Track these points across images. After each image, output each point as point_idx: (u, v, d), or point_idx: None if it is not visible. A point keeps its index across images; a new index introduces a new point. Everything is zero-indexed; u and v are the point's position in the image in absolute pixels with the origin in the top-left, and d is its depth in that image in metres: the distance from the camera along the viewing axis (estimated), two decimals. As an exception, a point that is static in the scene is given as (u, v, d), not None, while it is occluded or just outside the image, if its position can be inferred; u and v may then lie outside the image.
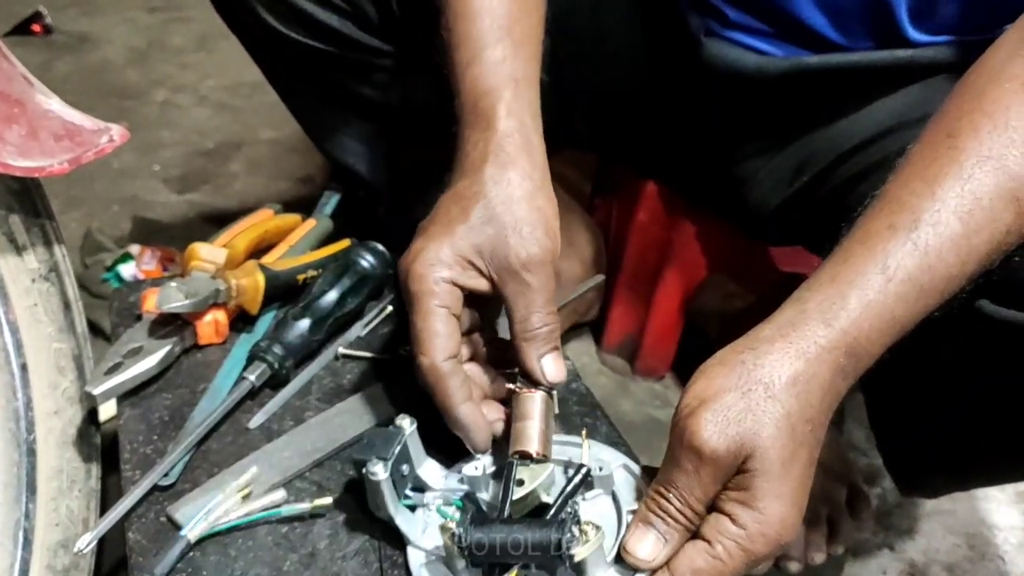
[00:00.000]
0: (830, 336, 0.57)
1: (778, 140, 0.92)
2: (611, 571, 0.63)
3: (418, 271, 0.67)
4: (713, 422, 0.57)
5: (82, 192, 1.70)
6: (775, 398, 0.56)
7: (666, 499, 0.59)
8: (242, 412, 0.78)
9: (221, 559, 0.66)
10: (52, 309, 0.82)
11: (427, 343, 0.66)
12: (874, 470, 1.22)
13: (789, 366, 0.57)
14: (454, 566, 0.63)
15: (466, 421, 0.67)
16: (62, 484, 0.81)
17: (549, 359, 0.69)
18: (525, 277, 0.67)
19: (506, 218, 0.67)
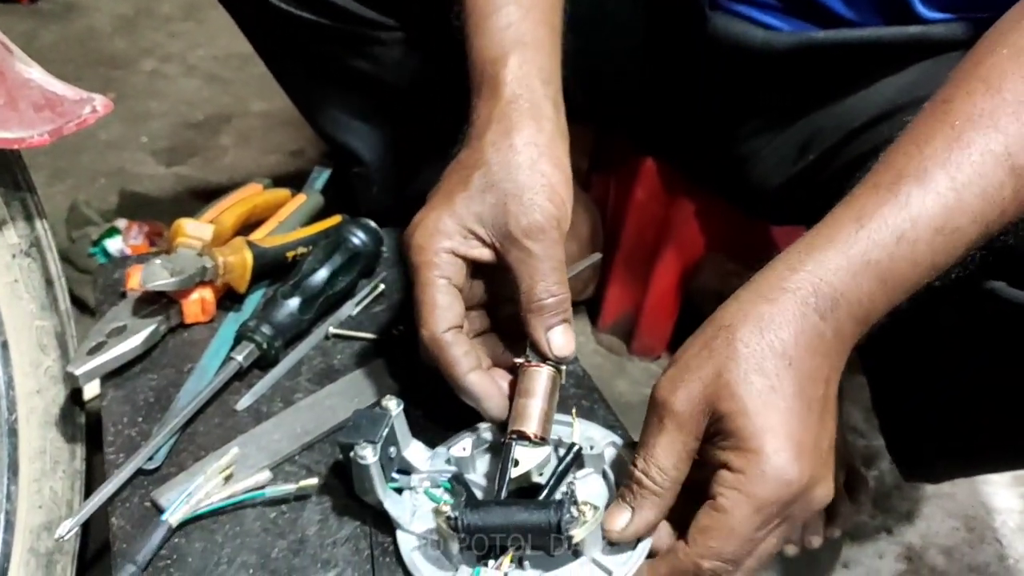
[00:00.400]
0: (794, 278, 0.57)
1: (783, 117, 0.90)
2: (607, 550, 0.62)
3: (418, 242, 0.66)
4: (673, 377, 0.57)
5: (68, 164, 1.67)
6: (737, 339, 0.56)
7: (634, 466, 0.59)
8: (230, 394, 0.76)
9: (207, 545, 0.64)
10: (34, 285, 0.79)
11: (427, 315, 0.65)
12: (872, 452, 1.21)
13: (751, 309, 0.57)
14: (448, 549, 0.61)
15: (476, 390, 0.66)
16: (45, 465, 0.79)
17: (557, 331, 0.66)
18: (527, 245, 0.65)
19: (506, 184, 0.65)
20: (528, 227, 0.64)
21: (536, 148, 0.66)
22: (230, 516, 0.66)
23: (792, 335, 0.56)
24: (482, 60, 0.70)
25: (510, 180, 0.65)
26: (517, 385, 0.67)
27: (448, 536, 0.59)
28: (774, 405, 0.55)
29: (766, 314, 0.57)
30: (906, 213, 0.57)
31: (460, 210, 0.66)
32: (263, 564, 0.63)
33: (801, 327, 0.56)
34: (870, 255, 0.57)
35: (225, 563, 0.63)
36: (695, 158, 1.06)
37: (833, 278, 0.57)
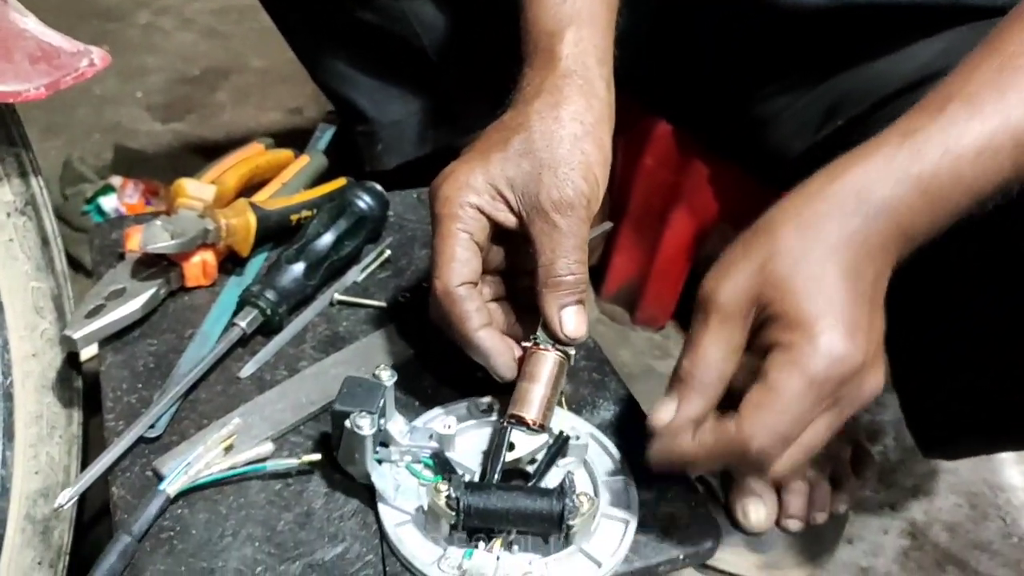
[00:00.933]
0: (835, 185, 0.57)
1: (808, 79, 0.87)
2: (594, 539, 0.62)
3: (445, 194, 0.65)
4: (716, 274, 0.58)
5: (62, 119, 1.63)
6: (779, 235, 0.57)
7: (682, 359, 0.58)
8: (232, 360, 0.74)
9: (211, 517, 0.62)
10: (29, 245, 0.77)
11: (443, 267, 0.64)
12: (877, 427, 1.20)
13: (791, 211, 0.58)
14: (436, 528, 0.60)
15: (486, 346, 0.64)
16: (41, 430, 0.77)
17: (570, 311, 0.65)
18: (554, 218, 0.63)
19: (544, 155, 0.64)
20: (559, 201, 0.63)
21: (581, 126, 0.65)
22: (234, 487, 0.64)
23: (835, 233, 0.56)
24: (537, 31, 0.69)
25: (549, 151, 0.64)
26: (522, 368, 0.66)
27: (442, 515, 0.58)
28: (822, 290, 0.55)
29: (807, 214, 0.57)
30: (952, 130, 0.57)
31: (493, 169, 0.65)
32: (268, 537, 0.61)
33: (843, 227, 0.56)
34: (912, 167, 0.57)
35: (230, 535, 0.61)
36: (711, 120, 1.03)
37: (875, 186, 0.57)
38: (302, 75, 1.12)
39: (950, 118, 0.57)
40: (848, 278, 0.56)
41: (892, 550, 1.07)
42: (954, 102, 0.57)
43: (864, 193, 0.57)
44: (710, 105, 1.01)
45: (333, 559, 0.60)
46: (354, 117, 1.07)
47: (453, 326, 0.65)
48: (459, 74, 1.05)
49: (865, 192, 0.57)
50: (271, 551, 0.61)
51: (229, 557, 0.60)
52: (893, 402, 1.20)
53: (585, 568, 0.61)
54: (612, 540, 0.63)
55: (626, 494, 0.66)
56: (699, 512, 0.66)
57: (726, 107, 0.97)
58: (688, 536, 0.65)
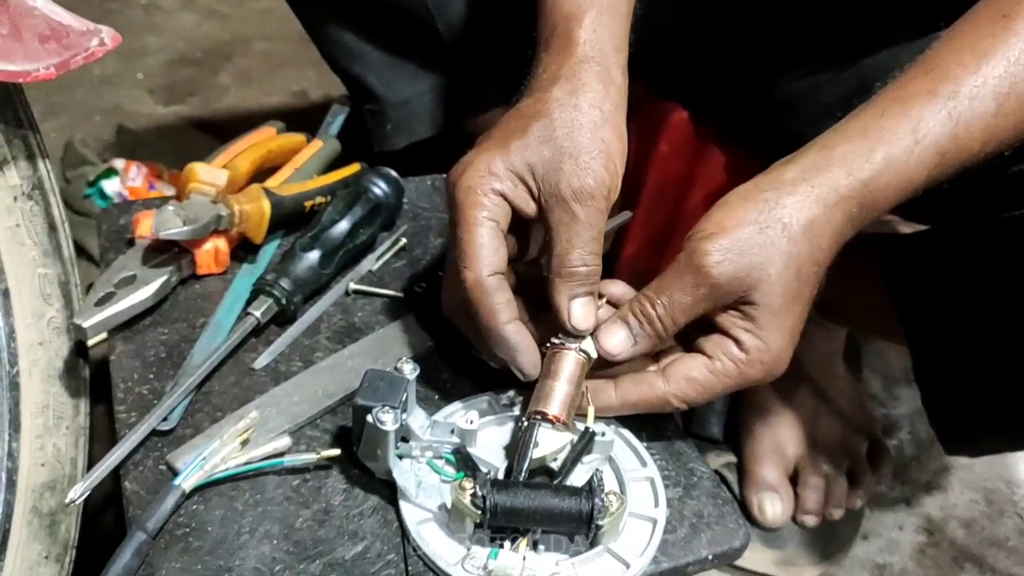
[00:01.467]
0: (851, 185, 0.60)
1: (830, 63, 0.85)
2: (621, 539, 0.60)
3: (467, 183, 0.63)
4: (725, 249, 0.59)
5: (62, 100, 1.60)
6: (790, 239, 0.59)
7: (652, 304, 0.62)
8: (246, 351, 0.72)
9: (227, 513, 0.60)
10: (36, 231, 0.74)
11: (473, 256, 0.62)
12: (891, 422, 1.19)
13: (808, 210, 0.60)
14: (460, 526, 0.59)
15: (515, 341, 0.63)
16: (48, 421, 0.74)
17: (580, 302, 0.64)
18: (573, 207, 0.62)
19: (565, 142, 0.62)
20: (579, 190, 0.62)
21: (601, 113, 0.63)
22: (250, 483, 0.62)
23: (829, 243, 0.61)
24: (555, 14, 0.68)
25: (570, 139, 0.62)
26: (544, 366, 0.64)
27: (467, 514, 0.57)
28: (793, 310, 0.61)
29: (819, 220, 0.60)
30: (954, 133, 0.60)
31: (514, 156, 0.63)
32: (287, 535, 0.59)
33: (839, 235, 0.61)
34: (914, 174, 0.61)
35: (247, 532, 0.59)
36: (729, 106, 1.01)
37: (880, 195, 0.61)
38: (305, 58, 1.10)
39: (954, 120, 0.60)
40: (812, 297, 0.62)
41: (908, 546, 1.06)
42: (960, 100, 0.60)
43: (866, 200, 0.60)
44: (729, 90, 0.99)
45: (353, 558, 0.59)
46: (363, 95, 1.05)
47: (481, 319, 0.63)
48: (471, 54, 1.02)
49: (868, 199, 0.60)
50: (290, 549, 0.59)
51: (247, 555, 0.58)
52: (908, 396, 1.19)
53: (613, 569, 0.59)
54: (640, 540, 0.61)
55: (653, 491, 0.64)
56: (726, 510, 0.65)
57: (745, 92, 0.95)
58: (716, 535, 0.63)
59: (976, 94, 0.60)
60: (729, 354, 0.62)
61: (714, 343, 0.62)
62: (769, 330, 0.61)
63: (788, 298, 0.60)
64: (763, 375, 0.62)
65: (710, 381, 0.62)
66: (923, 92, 0.61)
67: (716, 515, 0.64)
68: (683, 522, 0.63)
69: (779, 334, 0.61)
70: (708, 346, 0.63)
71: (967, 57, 0.61)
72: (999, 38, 0.60)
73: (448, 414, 0.67)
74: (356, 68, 1.04)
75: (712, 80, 1.00)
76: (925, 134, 0.60)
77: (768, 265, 0.59)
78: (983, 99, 0.60)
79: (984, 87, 0.60)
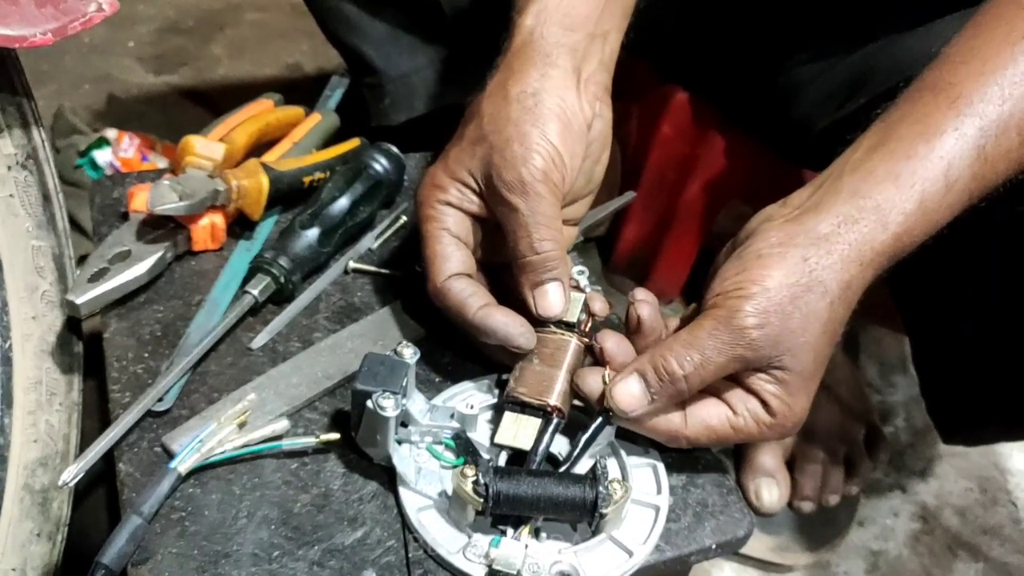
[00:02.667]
0: (885, 242, 0.58)
1: (837, 49, 0.84)
2: (624, 526, 0.60)
3: (419, 198, 0.66)
4: (767, 312, 0.56)
5: (51, 67, 1.57)
6: (830, 304, 0.57)
7: (680, 362, 0.58)
8: (243, 330, 0.70)
9: (224, 497, 0.59)
10: (30, 201, 0.72)
11: (429, 267, 0.65)
12: (887, 409, 1.19)
13: (846, 272, 0.57)
14: (461, 514, 0.58)
15: (489, 322, 0.63)
16: (41, 397, 0.73)
17: (541, 290, 0.63)
18: (510, 199, 0.62)
19: (493, 137, 0.62)
20: (510, 182, 0.61)
21: (532, 97, 0.62)
22: (247, 466, 0.61)
23: (857, 299, 0.59)
24: (512, 11, 0.68)
25: (497, 132, 0.62)
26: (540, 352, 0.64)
27: (469, 501, 0.56)
28: (819, 372, 0.60)
29: (855, 281, 0.58)
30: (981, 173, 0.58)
31: (452, 164, 0.64)
32: (285, 520, 0.58)
33: (868, 289, 0.60)
34: (942, 218, 0.59)
35: (244, 517, 0.58)
36: (734, 89, 1.00)
37: (910, 243, 0.59)
38: (299, 29, 1.08)
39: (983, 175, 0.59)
40: (829, 352, 0.60)
41: (903, 534, 1.06)
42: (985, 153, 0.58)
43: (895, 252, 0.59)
44: (732, 74, 0.97)
45: (353, 544, 0.58)
46: (361, 69, 1.03)
47: (456, 318, 0.64)
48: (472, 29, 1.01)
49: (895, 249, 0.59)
50: (288, 534, 0.58)
51: (244, 540, 0.57)
52: (904, 384, 1.19)
53: (616, 557, 0.59)
54: (643, 528, 0.61)
55: (655, 479, 0.64)
56: (731, 499, 0.64)
57: (748, 76, 0.94)
58: (720, 524, 0.63)
59: (1003, 130, 0.58)
60: (754, 414, 0.60)
61: (739, 398, 0.60)
62: (798, 396, 0.59)
63: (819, 363, 0.59)
64: (779, 436, 0.61)
65: (727, 434, 0.60)
66: (950, 129, 0.58)
67: (721, 504, 0.64)
68: (687, 510, 0.63)
69: (805, 398, 0.60)
70: (733, 399, 0.60)
71: (991, 89, 0.58)
72: (1021, 66, 0.58)
73: (448, 398, 0.66)
74: (354, 41, 1.02)
75: (715, 63, 0.98)
76: (956, 178, 0.58)
77: (807, 331, 0.57)
78: (1008, 134, 0.58)
79: (1010, 121, 0.58)
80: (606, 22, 0.68)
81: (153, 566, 0.55)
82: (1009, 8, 0.61)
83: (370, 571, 0.56)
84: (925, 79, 0.61)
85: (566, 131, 0.63)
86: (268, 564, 0.56)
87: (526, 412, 0.61)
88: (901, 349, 1.23)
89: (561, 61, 0.64)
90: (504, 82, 0.64)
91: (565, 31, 0.66)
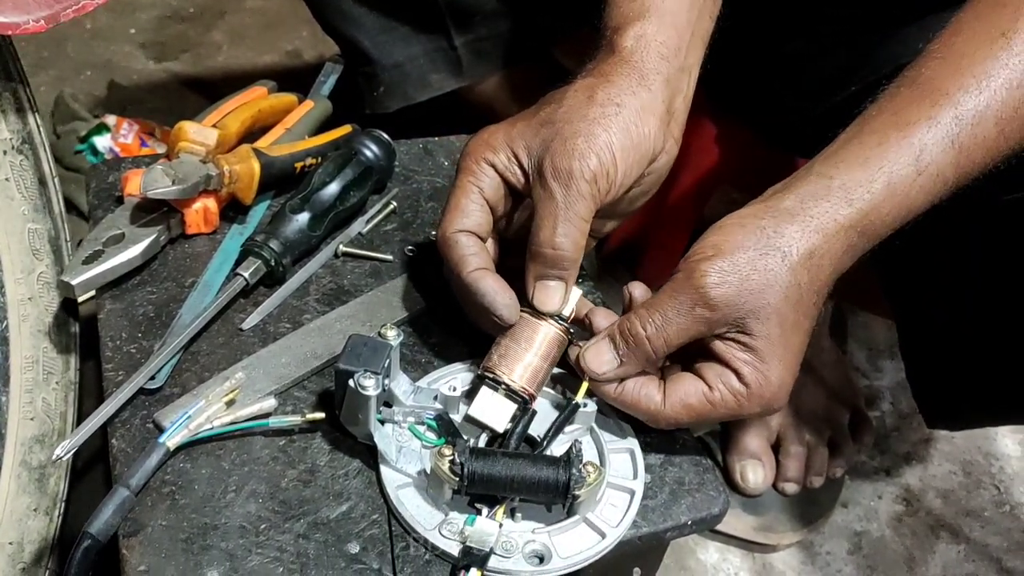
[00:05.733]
0: (851, 215, 0.59)
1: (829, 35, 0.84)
2: (598, 509, 0.61)
3: (468, 149, 0.67)
4: (724, 271, 0.58)
5: (52, 54, 1.59)
6: (791, 268, 0.58)
7: (644, 323, 0.60)
8: (234, 312, 0.72)
9: (214, 472, 0.61)
10: (26, 185, 0.74)
11: (445, 215, 0.66)
12: (874, 392, 1.20)
13: (807, 239, 0.58)
14: (438, 493, 0.59)
15: (480, 286, 0.64)
16: (38, 376, 0.75)
17: (542, 284, 0.64)
18: (552, 186, 0.62)
19: (563, 125, 0.63)
20: (559, 169, 0.62)
21: (616, 107, 0.63)
22: (236, 442, 0.63)
23: (829, 273, 0.60)
24: (606, 26, 0.69)
25: (568, 123, 0.63)
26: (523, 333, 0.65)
27: (445, 480, 0.57)
28: (793, 341, 0.60)
29: (818, 250, 0.59)
30: (957, 161, 0.59)
31: (515, 132, 0.65)
32: (272, 494, 0.60)
33: (838, 264, 0.60)
34: (916, 201, 0.60)
35: (233, 491, 0.60)
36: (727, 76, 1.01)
37: (880, 223, 0.60)
38: (299, 16, 1.09)
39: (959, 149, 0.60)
40: (811, 328, 0.61)
41: (886, 515, 1.07)
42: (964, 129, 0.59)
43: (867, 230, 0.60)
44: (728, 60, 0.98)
45: (338, 518, 0.60)
46: (356, 58, 1.05)
47: (452, 273, 0.65)
48: (466, 19, 1.02)
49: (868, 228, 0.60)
50: (275, 508, 0.60)
51: (232, 513, 0.59)
52: (891, 368, 1.21)
53: (588, 538, 0.60)
54: (617, 510, 0.62)
55: (633, 463, 0.65)
56: (707, 477, 0.66)
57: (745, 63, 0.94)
58: (696, 502, 0.64)
59: (979, 120, 0.58)
60: (729, 386, 0.60)
61: (715, 372, 0.61)
62: (771, 363, 0.59)
63: (787, 329, 0.59)
64: (761, 410, 0.61)
65: (706, 410, 0.61)
66: (924, 119, 0.59)
67: (697, 482, 0.65)
68: (664, 488, 0.64)
69: (780, 367, 0.59)
70: (708, 374, 0.61)
71: (968, 80, 0.59)
72: (1000, 60, 0.59)
73: (433, 380, 0.67)
74: (349, 30, 1.03)
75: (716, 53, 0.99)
76: (928, 163, 0.59)
77: (767, 293, 0.58)
78: (985, 124, 0.59)
79: (987, 112, 0.58)
80: (691, 55, 0.69)
81: (143, 538, 0.57)
82: (988, 7, 0.62)
83: (354, 543, 0.58)
84: (905, 75, 0.63)
85: (633, 150, 0.63)
86: (255, 536, 0.58)
87: (503, 392, 0.63)
88: (888, 335, 1.25)
89: (655, 88, 0.65)
90: (595, 85, 0.64)
91: (662, 60, 0.66)
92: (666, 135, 0.66)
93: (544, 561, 0.58)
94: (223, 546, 0.57)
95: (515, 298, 0.65)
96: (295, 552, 0.57)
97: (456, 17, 1.01)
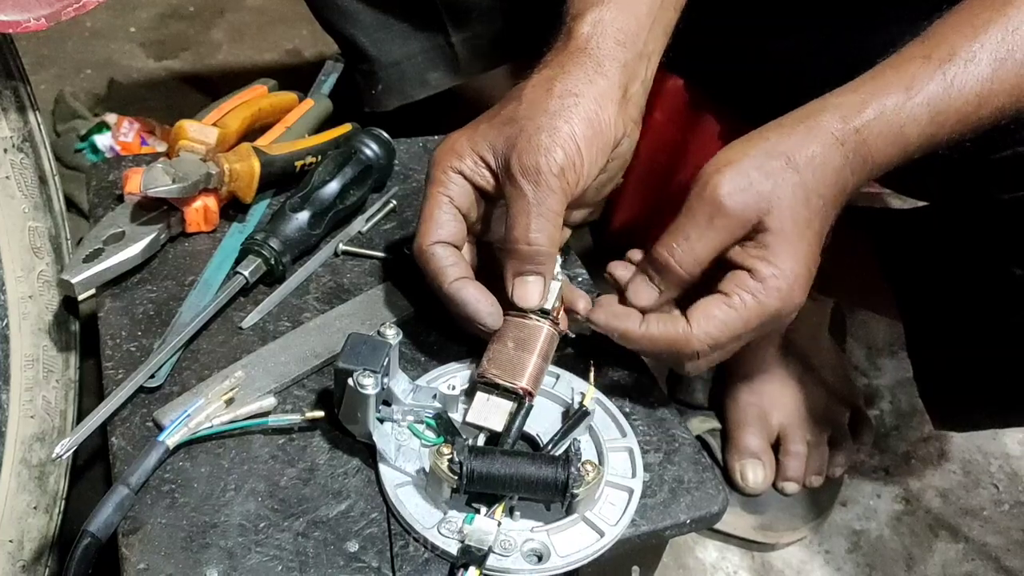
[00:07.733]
0: (844, 130, 0.62)
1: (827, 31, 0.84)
2: (597, 507, 0.61)
3: (435, 158, 0.67)
4: (735, 180, 0.60)
5: (52, 52, 1.59)
6: (796, 168, 0.61)
7: (670, 251, 0.62)
8: (234, 310, 0.72)
9: (213, 470, 0.61)
10: (27, 183, 0.75)
11: (420, 228, 0.66)
12: (873, 392, 1.20)
13: (808, 146, 0.61)
14: (436, 491, 0.59)
15: (460, 295, 0.64)
16: (38, 374, 0.75)
17: (521, 281, 0.65)
18: (521, 183, 0.63)
19: (525, 122, 0.63)
20: (527, 167, 0.62)
21: (575, 98, 0.64)
22: (236, 440, 0.63)
23: (833, 180, 0.62)
24: (567, 14, 0.69)
25: (530, 119, 0.63)
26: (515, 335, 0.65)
27: (444, 479, 0.57)
28: (805, 237, 0.62)
29: (819, 155, 0.61)
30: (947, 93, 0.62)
31: (478, 135, 0.65)
32: (272, 492, 0.60)
33: (839, 175, 0.62)
34: (906, 128, 0.62)
35: (232, 489, 0.60)
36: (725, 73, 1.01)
37: (873, 145, 0.63)
38: (299, 15, 1.09)
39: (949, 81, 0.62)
40: (823, 229, 0.63)
41: (885, 514, 1.07)
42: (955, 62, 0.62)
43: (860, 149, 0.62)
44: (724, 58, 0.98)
45: (337, 516, 0.60)
46: (355, 56, 1.05)
47: (432, 285, 0.66)
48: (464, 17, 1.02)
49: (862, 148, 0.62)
50: (275, 507, 0.60)
51: (231, 512, 0.59)
52: (890, 367, 1.21)
53: (587, 537, 0.60)
54: (616, 509, 0.62)
55: (631, 462, 0.65)
56: (706, 476, 0.66)
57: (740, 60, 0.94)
58: (695, 500, 0.64)
59: (971, 58, 0.61)
60: (744, 286, 0.62)
61: (730, 279, 0.62)
62: (782, 256, 0.61)
63: (800, 224, 0.61)
64: (781, 303, 0.62)
65: (730, 316, 0.62)
66: (918, 56, 0.62)
67: (696, 480, 0.65)
68: (663, 486, 0.64)
69: (792, 260, 0.61)
70: (725, 284, 0.63)
71: (965, 28, 0.62)
72: (998, 11, 0.62)
73: (432, 379, 0.68)
74: (347, 28, 1.03)
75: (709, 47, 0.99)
76: (918, 91, 0.61)
77: (777, 191, 0.60)
78: (978, 63, 0.61)
79: (980, 51, 0.61)
80: (651, 42, 0.69)
81: (143, 536, 0.57)
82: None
83: (353, 542, 0.58)
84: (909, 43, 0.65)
85: (595, 139, 0.64)
86: (255, 534, 0.58)
87: (498, 393, 0.63)
88: (888, 333, 1.25)
89: (611, 74, 0.65)
90: (552, 78, 0.65)
91: (619, 46, 0.67)
92: (625, 120, 0.67)
93: (543, 560, 0.58)
94: (222, 544, 0.57)
95: (497, 304, 0.65)
96: (294, 550, 0.57)
97: (453, 14, 1.02)
